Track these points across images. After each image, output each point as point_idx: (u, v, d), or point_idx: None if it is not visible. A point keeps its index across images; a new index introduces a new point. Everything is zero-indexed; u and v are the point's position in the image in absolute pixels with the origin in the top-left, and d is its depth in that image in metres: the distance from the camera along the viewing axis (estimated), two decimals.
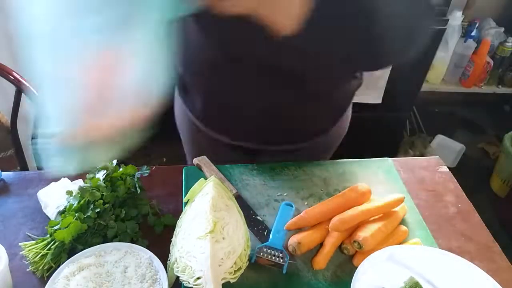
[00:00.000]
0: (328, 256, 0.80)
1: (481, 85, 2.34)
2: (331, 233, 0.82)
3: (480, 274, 0.70)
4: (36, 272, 0.74)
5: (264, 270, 0.78)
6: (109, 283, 0.70)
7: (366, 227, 0.82)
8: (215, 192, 0.79)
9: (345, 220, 0.82)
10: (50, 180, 0.92)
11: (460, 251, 0.85)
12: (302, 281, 0.77)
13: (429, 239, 0.86)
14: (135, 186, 0.86)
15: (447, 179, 1.04)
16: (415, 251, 0.74)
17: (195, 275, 0.67)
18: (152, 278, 0.71)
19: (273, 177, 0.99)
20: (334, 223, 0.81)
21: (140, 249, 0.76)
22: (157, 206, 0.89)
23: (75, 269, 0.72)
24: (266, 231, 0.86)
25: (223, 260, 0.69)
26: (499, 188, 2.36)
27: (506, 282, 0.78)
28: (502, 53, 2.29)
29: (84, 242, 0.78)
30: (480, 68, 2.24)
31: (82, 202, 0.80)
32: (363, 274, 0.68)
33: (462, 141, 2.49)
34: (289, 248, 0.80)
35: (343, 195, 0.88)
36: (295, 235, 0.82)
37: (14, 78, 1.15)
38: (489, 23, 2.32)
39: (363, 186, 0.89)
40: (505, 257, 0.85)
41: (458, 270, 0.72)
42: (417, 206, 0.94)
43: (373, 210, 0.85)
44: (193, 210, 0.78)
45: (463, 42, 2.25)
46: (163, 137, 2.69)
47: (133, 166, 0.88)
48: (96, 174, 0.86)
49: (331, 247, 0.81)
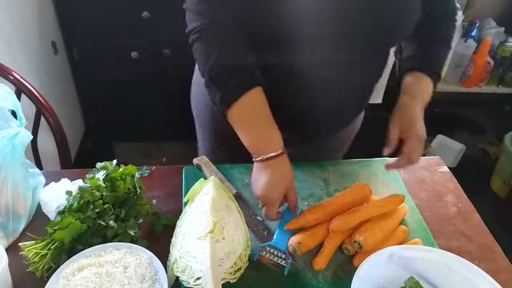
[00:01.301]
0: (328, 257, 0.80)
1: (482, 85, 2.33)
2: (331, 233, 0.82)
3: (480, 274, 0.70)
4: (36, 272, 0.74)
5: (264, 270, 0.78)
6: (108, 283, 0.70)
7: (366, 227, 0.82)
8: (215, 192, 0.79)
9: (345, 221, 0.82)
10: (50, 180, 0.92)
11: (460, 251, 0.85)
12: (302, 281, 0.77)
13: (429, 239, 0.86)
14: (135, 186, 0.86)
15: (447, 179, 1.04)
16: (415, 251, 0.74)
17: (195, 275, 0.67)
18: (152, 278, 0.71)
19: None
20: (334, 224, 0.81)
21: (140, 249, 0.76)
22: (157, 206, 0.89)
23: (75, 269, 0.72)
24: (266, 231, 0.86)
25: (223, 260, 0.69)
26: (499, 188, 2.36)
27: (506, 282, 0.78)
28: (503, 53, 2.28)
29: (84, 242, 0.78)
30: (480, 68, 2.24)
31: (81, 202, 0.80)
32: (363, 274, 0.68)
33: (462, 141, 2.48)
34: (289, 248, 0.80)
35: (344, 195, 0.88)
36: (295, 235, 0.82)
37: (14, 78, 1.15)
38: (490, 23, 2.32)
39: (363, 186, 0.89)
40: (505, 257, 0.85)
41: (458, 270, 0.72)
42: (417, 206, 0.94)
43: (373, 210, 0.85)
44: (193, 210, 0.78)
45: (464, 42, 2.25)
46: (163, 137, 2.69)
47: (133, 166, 0.88)
48: (95, 174, 0.85)
49: (331, 247, 0.81)
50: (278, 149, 0.80)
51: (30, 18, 1.76)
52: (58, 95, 2.03)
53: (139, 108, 2.29)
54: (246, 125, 0.81)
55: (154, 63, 2.10)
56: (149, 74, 2.15)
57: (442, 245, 0.86)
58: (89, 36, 2.02)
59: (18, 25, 1.65)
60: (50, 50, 1.95)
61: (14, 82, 1.15)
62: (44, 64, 1.87)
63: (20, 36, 1.65)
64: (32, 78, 1.67)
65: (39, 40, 1.82)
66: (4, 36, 1.54)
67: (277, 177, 0.79)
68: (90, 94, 2.25)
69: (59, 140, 1.19)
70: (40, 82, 1.80)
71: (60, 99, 2.04)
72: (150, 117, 2.35)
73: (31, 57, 1.75)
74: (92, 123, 2.37)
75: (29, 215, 0.86)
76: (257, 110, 0.81)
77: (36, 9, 1.80)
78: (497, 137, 2.69)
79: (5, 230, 0.80)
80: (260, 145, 0.80)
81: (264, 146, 0.80)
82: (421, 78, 0.96)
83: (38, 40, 1.82)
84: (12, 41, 1.59)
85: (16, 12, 1.63)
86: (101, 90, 2.21)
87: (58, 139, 1.19)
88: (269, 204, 0.80)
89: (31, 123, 1.17)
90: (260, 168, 0.80)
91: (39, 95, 1.16)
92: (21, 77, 1.16)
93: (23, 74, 1.19)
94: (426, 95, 0.96)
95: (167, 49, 2.06)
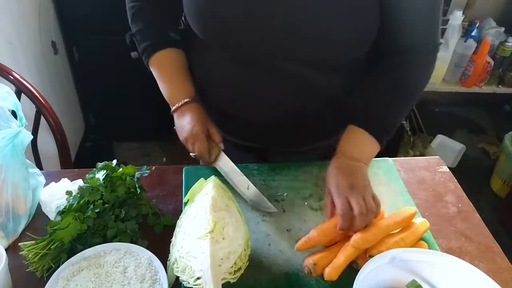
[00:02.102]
0: (341, 269, 0.76)
1: (482, 85, 2.33)
2: (346, 246, 0.79)
3: (482, 277, 0.69)
4: (36, 272, 0.74)
5: (264, 270, 0.78)
6: (108, 283, 0.70)
7: (383, 241, 0.79)
8: (215, 192, 0.79)
9: (367, 239, 0.77)
10: (50, 180, 0.92)
11: (461, 251, 0.85)
12: (303, 283, 0.77)
13: (430, 239, 0.86)
14: (135, 186, 0.86)
15: (447, 179, 1.04)
16: (417, 254, 0.74)
17: (195, 275, 0.67)
18: (152, 278, 0.71)
19: (273, 177, 0.98)
20: (356, 241, 0.77)
21: (139, 249, 0.76)
22: (157, 206, 0.89)
23: (75, 270, 0.72)
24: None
25: (223, 260, 0.69)
26: (499, 188, 2.36)
27: (506, 282, 0.78)
28: (503, 53, 2.29)
29: (84, 242, 0.78)
30: (480, 68, 2.24)
31: (81, 202, 0.80)
32: (365, 277, 0.68)
33: (462, 141, 2.48)
34: (304, 269, 0.78)
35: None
36: (310, 256, 0.79)
37: (14, 78, 1.15)
38: (490, 23, 2.32)
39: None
40: (505, 257, 0.85)
41: (460, 273, 0.71)
42: (417, 206, 0.94)
43: (392, 227, 0.82)
44: (193, 210, 0.78)
45: (464, 42, 2.25)
46: (163, 137, 2.67)
47: (133, 166, 0.88)
48: (95, 174, 0.85)
49: (346, 260, 0.77)
50: (187, 96, 0.92)
51: (30, 18, 1.76)
52: (58, 95, 2.03)
53: (139, 108, 2.28)
54: (160, 77, 0.96)
55: None
56: (149, 74, 2.15)
57: (442, 245, 0.86)
58: (89, 36, 2.02)
59: (18, 25, 1.65)
60: (50, 50, 1.95)
61: (14, 82, 1.15)
62: (44, 64, 1.87)
63: (20, 36, 1.65)
64: (32, 78, 1.67)
65: (39, 40, 1.82)
66: (4, 36, 1.54)
67: (194, 118, 0.90)
68: (90, 94, 2.25)
69: (59, 140, 1.19)
70: (40, 82, 1.80)
71: (60, 99, 2.04)
72: (150, 117, 2.35)
73: (31, 57, 1.75)
74: (92, 123, 2.37)
75: (29, 215, 0.86)
76: (168, 64, 0.95)
77: (36, 9, 1.80)
78: (497, 137, 2.69)
79: (5, 230, 0.80)
80: (172, 93, 0.94)
81: (176, 95, 0.93)
82: (367, 140, 0.85)
83: (38, 40, 1.82)
84: (12, 41, 1.59)
85: (16, 12, 1.63)
86: (101, 90, 2.21)
87: (58, 139, 1.19)
88: (197, 140, 0.89)
89: (31, 123, 1.17)
90: (178, 117, 0.93)
91: (39, 95, 1.16)
92: (21, 77, 1.16)
93: (23, 74, 1.19)
94: (371, 159, 0.87)
95: None
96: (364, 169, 0.84)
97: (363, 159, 0.84)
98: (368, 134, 0.84)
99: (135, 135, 2.45)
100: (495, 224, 2.16)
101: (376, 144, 0.85)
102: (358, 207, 0.76)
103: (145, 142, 2.46)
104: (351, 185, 0.79)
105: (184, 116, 0.92)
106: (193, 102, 0.93)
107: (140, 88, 2.21)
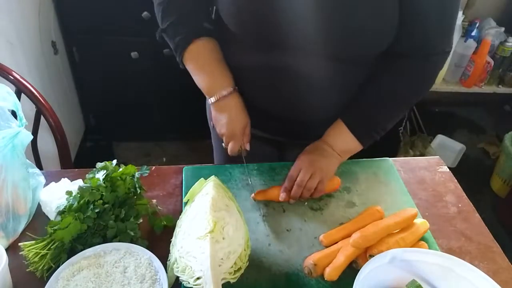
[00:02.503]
0: (342, 269, 0.77)
1: (482, 85, 2.33)
2: (347, 246, 0.80)
3: (482, 277, 0.69)
4: (36, 272, 0.74)
5: (264, 270, 0.78)
6: (108, 283, 0.70)
7: (384, 241, 0.80)
8: (215, 192, 0.79)
9: (367, 238, 0.78)
10: (50, 180, 0.92)
11: (461, 251, 0.85)
12: (303, 283, 0.77)
13: (430, 239, 0.86)
14: (135, 186, 0.86)
15: (447, 179, 1.04)
16: (417, 254, 0.74)
17: (195, 275, 0.67)
18: (152, 278, 0.71)
19: (273, 177, 0.98)
20: (356, 240, 0.78)
21: (139, 249, 0.76)
22: (157, 206, 0.89)
23: (75, 269, 0.72)
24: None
25: (223, 260, 0.69)
26: (499, 188, 2.36)
27: (506, 282, 0.78)
28: (503, 53, 2.28)
29: (84, 242, 0.78)
30: (480, 68, 2.24)
31: (81, 202, 0.80)
32: (365, 277, 0.68)
33: (462, 141, 2.48)
34: (304, 270, 0.78)
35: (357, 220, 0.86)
36: (311, 256, 0.79)
37: (14, 78, 1.15)
38: (490, 23, 2.32)
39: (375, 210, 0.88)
40: (505, 257, 0.85)
41: (460, 273, 0.71)
42: (417, 206, 0.94)
43: (392, 227, 0.83)
44: (193, 210, 0.78)
45: (464, 42, 2.25)
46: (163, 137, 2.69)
47: (133, 166, 0.88)
48: (95, 174, 0.85)
49: (347, 260, 0.78)
50: (227, 88, 0.90)
51: (30, 18, 1.76)
52: (58, 95, 2.03)
53: (139, 108, 2.28)
54: (197, 69, 0.92)
55: (154, 63, 2.10)
56: (149, 74, 2.15)
57: (442, 245, 0.86)
58: (89, 36, 2.01)
59: (19, 25, 1.65)
60: (50, 50, 1.95)
61: (14, 82, 1.15)
62: (44, 64, 1.87)
63: (20, 36, 1.65)
64: (32, 78, 1.67)
65: (39, 40, 1.82)
66: (4, 36, 1.54)
67: (234, 115, 0.92)
68: (90, 94, 2.25)
69: (59, 140, 1.19)
70: (40, 82, 1.80)
71: (60, 99, 2.04)
72: (150, 117, 2.35)
73: (31, 57, 1.75)
74: (92, 123, 2.37)
75: (29, 215, 0.86)
76: (206, 55, 0.91)
77: (36, 9, 1.80)
78: (497, 137, 2.69)
79: (5, 230, 0.80)
80: (211, 85, 0.91)
81: (216, 87, 0.91)
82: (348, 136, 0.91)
83: (38, 40, 1.82)
84: (12, 41, 1.59)
85: (16, 12, 1.63)
86: (101, 90, 2.21)
87: (58, 139, 1.19)
88: (234, 139, 0.92)
89: (31, 123, 1.17)
90: (217, 111, 0.93)
91: (39, 95, 1.16)
92: (21, 77, 1.16)
93: (23, 74, 1.19)
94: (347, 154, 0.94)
95: (167, 49, 2.06)
96: (334, 159, 0.92)
97: (337, 150, 0.92)
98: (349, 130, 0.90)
99: (135, 135, 2.45)
100: (495, 224, 2.16)
101: (356, 142, 0.91)
102: (300, 179, 0.88)
103: (145, 142, 2.46)
104: (312, 161, 0.89)
105: (223, 111, 0.92)
106: (234, 95, 0.91)
107: (140, 88, 2.22)
